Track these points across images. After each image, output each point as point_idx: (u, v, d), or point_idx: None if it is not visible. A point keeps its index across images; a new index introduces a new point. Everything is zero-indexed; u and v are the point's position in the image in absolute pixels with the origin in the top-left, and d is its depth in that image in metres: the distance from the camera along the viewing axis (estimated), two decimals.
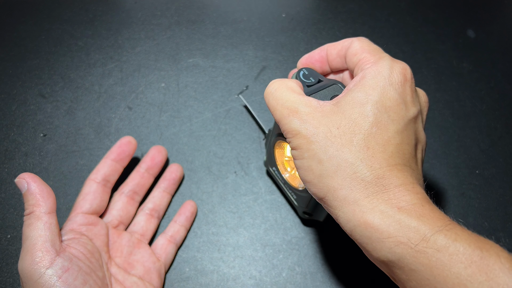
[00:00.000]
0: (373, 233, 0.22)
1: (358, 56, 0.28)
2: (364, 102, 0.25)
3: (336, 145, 0.24)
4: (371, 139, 0.24)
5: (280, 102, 0.27)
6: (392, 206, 0.22)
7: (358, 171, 0.23)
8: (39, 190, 0.30)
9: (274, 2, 0.61)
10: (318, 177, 0.24)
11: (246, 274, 0.37)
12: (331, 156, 0.24)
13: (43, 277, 0.28)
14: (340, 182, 0.23)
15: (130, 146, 0.39)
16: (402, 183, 0.23)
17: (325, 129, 0.25)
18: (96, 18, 0.58)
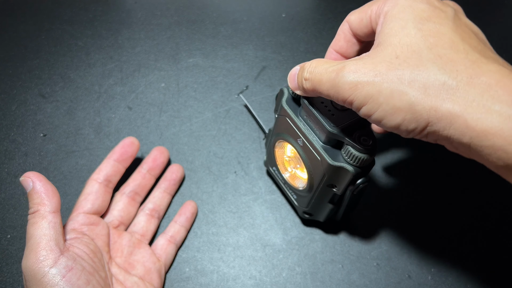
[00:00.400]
0: (496, 140, 0.19)
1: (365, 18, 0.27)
2: (403, 26, 0.23)
3: (407, 70, 0.22)
4: (436, 48, 0.22)
5: (323, 73, 0.25)
6: (508, 103, 0.19)
7: (446, 80, 0.21)
8: (44, 189, 0.30)
9: (274, 2, 0.61)
10: (409, 110, 0.22)
11: (246, 274, 0.37)
12: (410, 82, 0.21)
13: (46, 276, 0.28)
14: (436, 100, 0.21)
15: (132, 147, 0.39)
16: (501, 75, 0.20)
17: (384, 64, 0.22)
18: (96, 18, 0.58)
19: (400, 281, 0.37)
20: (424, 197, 0.42)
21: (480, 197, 0.42)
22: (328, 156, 0.30)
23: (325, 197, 0.34)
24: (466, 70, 0.21)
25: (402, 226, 0.40)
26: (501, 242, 0.39)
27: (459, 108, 0.20)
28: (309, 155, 0.31)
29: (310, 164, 0.32)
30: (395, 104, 0.22)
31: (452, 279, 0.37)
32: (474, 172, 0.44)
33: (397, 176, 0.44)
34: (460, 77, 0.21)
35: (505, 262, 0.38)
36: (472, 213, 0.41)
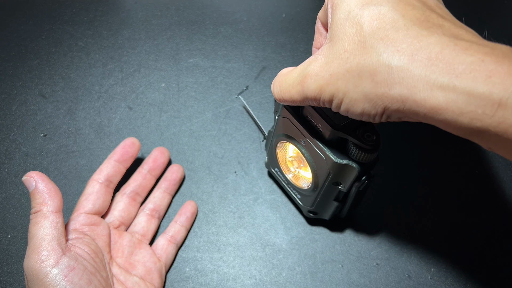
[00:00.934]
0: (447, 115, 0.19)
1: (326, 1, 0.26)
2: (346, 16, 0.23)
3: (354, 61, 0.22)
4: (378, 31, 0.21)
5: (290, 88, 0.26)
6: (449, 75, 0.18)
7: (389, 62, 0.20)
8: (47, 189, 0.30)
9: (274, 3, 0.61)
10: (365, 100, 0.22)
11: (246, 274, 0.37)
12: (359, 73, 0.22)
13: (48, 275, 0.28)
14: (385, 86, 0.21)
15: (133, 148, 0.39)
16: (440, 46, 0.19)
17: (336, 62, 0.23)
18: (97, 18, 0.58)
19: (400, 280, 0.37)
20: (424, 197, 0.42)
21: (480, 197, 0.42)
22: (332, 154, 0.30)
23: (331, 195, 0.34)
24: (408, 48, 0.20)
25: (402, 226, 0.40)
26: (501, 242, 0.39)
27: (406, 90, 0.20)
28: (313, 154, 0.32)
29: (315, 163, 0.32)
30: (352, 97, 0.23)
31: (452, 279, 0.37)
32: (474, 172, 0.44)
33: (397, 176, 0.44)
34: (402, 56, 0.20)
35: (505, 262, 0.38)
36: (472, 213, 0.41)
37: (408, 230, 0.40)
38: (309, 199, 0.36)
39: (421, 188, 0.43)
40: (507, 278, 0.37)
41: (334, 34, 0.23)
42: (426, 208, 0.41)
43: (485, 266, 0.38)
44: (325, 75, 0.23)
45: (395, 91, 0.20)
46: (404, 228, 0.40)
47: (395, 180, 0.43)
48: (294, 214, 0.41)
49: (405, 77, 0.20)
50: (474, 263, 0.38)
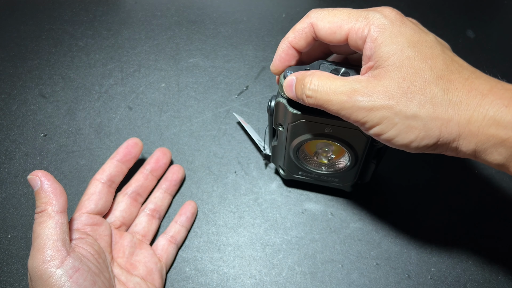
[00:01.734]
0: (493, 141, 0.23)
1: (340, 33, 0.28)
2: (400, 49, 0.25)
3: (416, 92, 0.24)
4: (435, 69, 0.25)
5: (331, 93, 0.26)
6: (500, 108, 0.23)
7: (451, 98, 0.24)
8: (52, 188, 0.30)
9: (274, 3, 0.61)
10: (423, 128, 0.25)
11: (246, 274, 0.37)
12: (420, 102, 0.24)
13: (53, 276, 0.27)
14: (446, 116, 0.24)
15: (136, 148, 0.39)
16: (490, 86, 0.24)
17: (395, 87, 0.25)
18: (97, 18, 0.59)
19: (399, 280, 0.37)
20: (424, 197, 0.42)
21: (480, 198, 0.42)
22: None
23: (370, 157, 0.36)
24: (463, 87, 0.24)
25: (402, 226, 0.40)
26: (501, 243, 0.40)
27: (464, 119, 0.24)
28: (344, 134, 0.32)
29: (349, 140, 0.33)
30: (409, 124, 0.25)
31: (452, 279, 0.37)
32: (474, 172, 0.44)
33: (397, 176, 0.44)
34: (460, 93, 0.24)
35: (505, 263, 0.38)
36: (472, 213, 0.41)
37: (408, 230, 0.40)
38: (351, 175, 0.38)
39: (421, 188, 0.43)
40: (507, 278, 0.37)
41: (387, 63, 0.25)
42: (426, 208, 0.42)
43: (485, 266, 0.38)
44: (381, 97, 0.25)
45: (455, 120, 0.24)
46: (404, 228, 0.40)
47: (395, 180, 0.43)
48: (294, 214, 0.41)
49: (463, 109, 0.24)
50: (473, 263, 0.38)
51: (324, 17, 0.29)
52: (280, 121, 0.34)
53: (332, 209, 0.41)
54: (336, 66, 0.31)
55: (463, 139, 0.25)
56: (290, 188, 0.43)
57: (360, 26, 0.27)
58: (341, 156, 0.36)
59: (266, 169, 0.44)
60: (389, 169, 0.44)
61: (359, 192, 0.42)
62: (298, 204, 0.42)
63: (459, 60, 0.26)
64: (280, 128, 0.35)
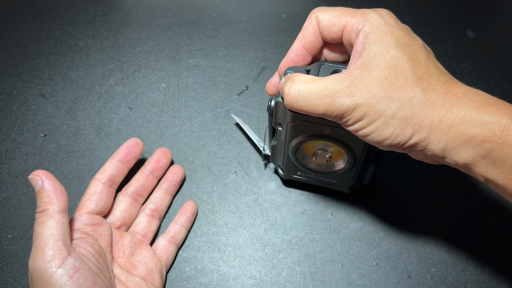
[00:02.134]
0: (462, 138, 0.25)
1: (338, 25, 0.30)
2: (387, 50, 0.26)
3: (396, 91, 0.25)
4: (416, 71, 0.26)
5: (314, 98, 0.27)
6: (471, 109, 0.25)
7: (428, 98, 0.25)
8: (53, 188, 0.30)
9: (274, 3, 0.61)
10: (398, 126, 0.26)
11: (246, 274, 0.37)
12: (399, 101, 0.25)
13: (54, 276, 0.28)
14: (420, 115, 0.25)
15: (137, 148, 0.39)
16: (465, 91, 0.26)
17: (377, 86, 0.26)
18: (97, 18, 0.59)
19: (399, 280, 0.37)
20: (424, 197, 0.42)
21: (480, 198, 0.42)
22: None
23: (369, 159, 0.36)
24: (440, 89, 0.26)
25: (401, 226, 0.40)
26: (501, 243, 0.40)
27: (437, 120, 0.25)
28: (343, 135, 0.32)
29: (348, 142, 0.33)
30: (387, 122, 0.26)
31: (452, 279, 0.37)
32: None
33: (396, 176, 0.44)
34: (437, 94, 0.26)
35: (505, 263, 0.38)
36: (472, 213, 0.41)
37: (408, 230, 0.40)
38: (350, 175, 0.37)
39: (421, 188, 0.43)
40: (507, 278, 0.37)
41: (373, 61, 0.26)
42: (426, 208, 0.42)
43: (485, 266, 0.38)
44: (364, 95, 0.26)
45: (428, 119, 0.25)
46: (404, 228, 0.40)
47: (395, 180, 0.43)
48: (294, 214, 0.41)
49: (437, 110, 0.25)
50: (473, 263, 0.38)
51: (326, 11, 0.31)
52: (280, 121, 0.34)
53: (332, 209, 0.41)
54: (337, 66, 0.31)
55: (434, 137, 0.26)
56: (290, 188, 0.43)
57: (356, 21, 0.28)
58: (339, 158, 0.36)
59: (266, 169, 0.44)
60: (389, 169, 0.44)
61: (359, 192, 0.42)
62: (298, 204, 0.42)
63: (440, 67, 0.28)
64: (279, 128, 0.35)
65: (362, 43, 0.27)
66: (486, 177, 0.26)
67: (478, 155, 0.25)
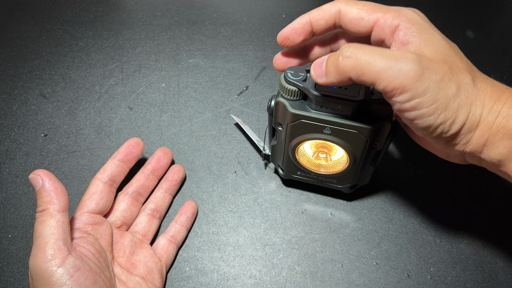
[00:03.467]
0: (502, 132, 0.25)
1: (368, 19, 0.28)
2: (436, 39, 0.27)
3: (455, 74, 0.25)
4: (464, 63, 0.27)
5: (375, 54, 0.24)
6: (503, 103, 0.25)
7: (480, 88, 0.26)
8: (54, 188, 0.30)
9: (274, 3, 0.61)
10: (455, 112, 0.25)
11: (246, 273, 0.38)
12: (457, 85, 0.25)
13: (54, 275, 0.28)
14: (474, 104, 0.25)
15: (137, 148, 0.39)
16: (506, 87, 0.26)
17: (438, 66, 0.25)
18: (97, 18, 0.59)
19: (399, 280, 0.37)
20: (424, 197, 0.42)
21: (480, 198, 0.42)
22: (363, 124, 0.31)
23: (368, 160, 0.36)
24: (486, 81, 0.26)
25: (401, 226, 0.40)
26: (500, 243, 0.40)
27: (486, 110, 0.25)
28: (343, 136, 0.32)
29: (347, 142, 0.33)
30: (447, 104, 0.24)
31: (451, 278, 0.37)
32: (474, 172, 0.44)
33: (395, 176, 0.44)
34: (485, 85, 0.26)
35: (504, 263, 0.38)
36: (472, 213, 0.41)
37: (408, 230, 0.40)
38: (349, 177, 0.38)
39: (420, 188, 0.43)
40: (507, 278, 0.37)
41: (426, 48, 0.26)
42: (425, 208, 0.42)
43: (485, 266, 0.38)
44: (430, 69, 0.24)
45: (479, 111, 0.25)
46: (404, 228, 0.40)
47: (395, 180, 0.43)
48: (294, 213, 0.41)
49: (486, 100, 0.25)
50: (473, 263, 0.38)
51: (353, 4, 0.29)
52: (280, 121, 0.34)
53: (332, 209, 0.41)
54: None
55: (479, 130, 0.25)
56: (290, 188, 0.43)
57: (390, 15, 0.28)
58: (339, 158, 0.36)
59: (266, 169, 0.44)
60: (389, 169, 0.44)
61: (359, 192, 0.42)
62: (298, 204, 0.42)
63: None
64: (279, 128, 0.35)
65: (406, 34, 0.27)
66: None
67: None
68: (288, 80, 0.31)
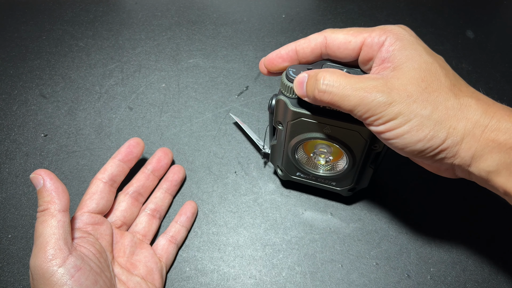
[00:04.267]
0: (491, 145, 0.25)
1: (355, 41, 0.29)
2: (419, 54, 0.27)
3: (432, 93, 0.26)
4: (448, 77, 0.27)
5: (348, 89, 0.26)
6: (502, 116, 0.25)
7: (462, 102, 0.26)
8: (55, 187, 0.30)
9: (274, 3, 0.61)
10: (433, 128, 0.25)
11: (246, 274, 0.38)
12: (435, 103, 0.25)
13: (55, 275, 0.28)
14: (455, 118, 0.25)
15: (138, 148, 0.39)
16: (493, 101, 0.27)
17: (413, 86, 0.26)
18: (97, 18, 0.59)
19: (399, 280, 0.37)
20: (424, 197, 0.42)
21: (480, 198, 0.42)
22: (363, 124, 0.31)
23: (367, 161, 0.36)
24: (472, 96, 0.26)
25: (401, 226, 0.40)
26: (500, 243, 0.40)
27: (471, 124, 0.25)
28: (342, 135, 0.32)
29: (347, 142, 0.33)
30: (422, 122, 0.25)
31: (451, 278, 0.37)
32: None
33: (395, 176, 0.44)
34: (470, 100, 0.26)
35: (504, 263, 0.38)
36: (472, 213, 0.41)
37: (408, 230, 0.40)
38: (348, 178, 0.37)
39: (420, 188, 0.43)
40: (507, 278, 0.38)
41: (407, 64, 0.27)
42: (425, 208, 0.42)
43: (485, 266, 0.38)
44: (401, 94, 0.25)
45: (461, 125, 0.25)
46: (403, 228, 0.40)
47: (395, 180, 0.43)
48: (294, 214, 0.41)
49: (470, 113, 0.25)
50: (473, 263, 0.38)
51: (339, 31, 0.31)
52: (280, 119, 0.34)
53: (332, 209, 0.41)
54: (340, 66, 0.31)
55: (465, 143, 0.26)
56: (290, 188, 0.43)
57: (377, 33, 0.29)
58: (339, 159, 0.36)
59: (266, 168, 0.44)
60: (389, 170, 0.44)
61: (359, 193, 0.42)
62: (298, 204, 0.42)
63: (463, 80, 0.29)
64: (279, 127, 0.35)
65: (388, 51, 0.28)
66: (505, 189, 0.26)
67: (504, 163, 0.25)
68: (289, 78, 0.31)
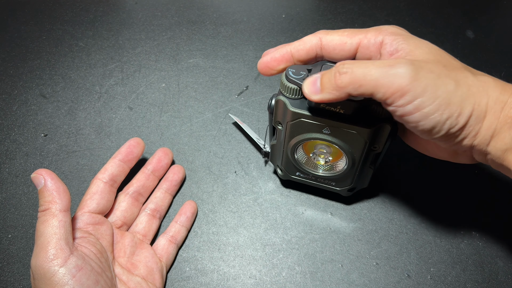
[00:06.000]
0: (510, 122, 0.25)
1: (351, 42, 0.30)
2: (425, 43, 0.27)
3: (451, 71, 0.25)
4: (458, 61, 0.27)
5: (369, 66, 0.25)
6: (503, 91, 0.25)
7: (480, 79, 0.26)
8: (56, 187, 0.30)
9: (274, 3, 0.61)
10: (460, 105, 0.25)
11: (246, 274, 0.38)
12: (456, 80, 0.25)
13: (56, 275, 0.28)
14: (478, 94, 0.25)
15: (138, 148, 0.39)
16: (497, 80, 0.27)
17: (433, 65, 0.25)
18: (97, 18, 0.59)
19: (399, 280, 0.37)
20: (424, 197, 0.42)
21: (480, 198, 0.42)
22: (363, 125, 0.31)
23: (367, 162, 0.36)
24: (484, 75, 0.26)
25: (401, 226, 0.40)
26: (500, 243, 0.40)
27: (492, 100, 0.25)
28: (342, 136, 0.32)
29: (347, 143, 0.33)
30: (449, 99, 0.24)
31: (451, 278, 0.37)
32: (473, 172, 0.44)
33: (395, 177, 0.44)
34: (487, 78, 0.26)
35: (504, 263, 0.38)
36: (472, 213, 0.41)
37: (408, 230, 0.40)
38: (347, 179, 0.37)
39: (420, 187, 0.43)
40: (507, 278, 0.38)
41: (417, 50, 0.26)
42: (425, 208, 0.42)
43: (485, 266, 0.38)
44: (424, 69, 0.24)
45: (484, 101, 0.25)
46: (404, 228, 0.40)
47: (395, 181, 0.43)
48: (294, 213, 0.41)
49: (490, 90, 0.25)
50: (473, 263, 0.38)
51: (333, 32, 0.31)
52: (280, 120, 0.34)
53: (332, 209, 0.41)
54: None
55: (487, 120, 0.25)
56: (290, 188, 0.43)
57: (372, 34, 0.29)
58: (338, 159, 0.36)
59: (266, 168, 0.44)
60: (389, 170, 0.44)
61: (359, 193, 0.42)
62: (298, 204, 0.42)
63: None
64: (279, 127, 0.35)
65: (393, 44, 0.28)
66: None
67: None
68: (289, 78, 0.31)
